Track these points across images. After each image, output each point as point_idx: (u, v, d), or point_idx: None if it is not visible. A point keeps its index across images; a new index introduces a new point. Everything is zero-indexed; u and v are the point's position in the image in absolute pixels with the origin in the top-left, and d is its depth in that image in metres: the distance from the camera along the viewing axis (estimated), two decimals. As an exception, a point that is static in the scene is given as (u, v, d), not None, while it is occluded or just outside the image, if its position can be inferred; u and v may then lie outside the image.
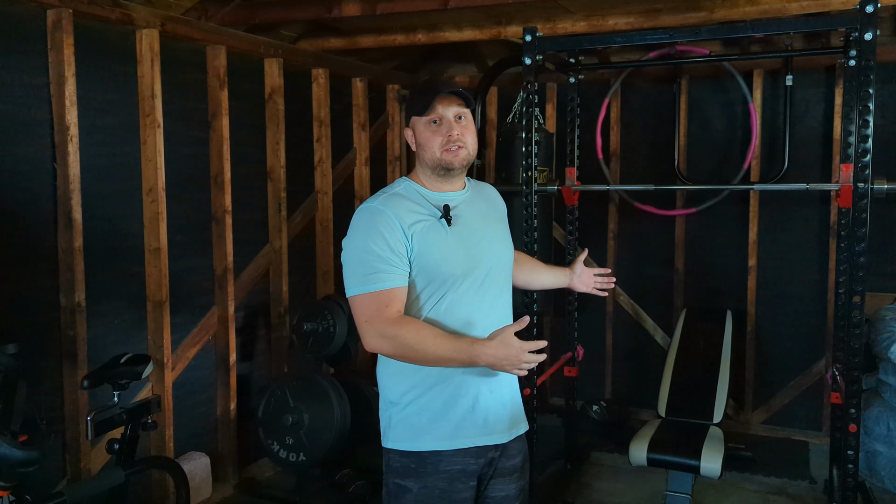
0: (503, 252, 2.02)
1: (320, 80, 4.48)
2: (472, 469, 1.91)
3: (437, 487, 1.87)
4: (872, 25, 2.89)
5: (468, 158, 1.93)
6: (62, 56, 2.96)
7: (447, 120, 1.90)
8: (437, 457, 1.88)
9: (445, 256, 1.87)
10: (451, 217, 1.90)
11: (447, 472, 1.88)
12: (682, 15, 3.68)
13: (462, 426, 1.90)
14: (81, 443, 3.09)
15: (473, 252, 1.92)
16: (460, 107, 1.92)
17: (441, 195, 1.95)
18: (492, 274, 1.95)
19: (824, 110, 4.50)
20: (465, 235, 1.92)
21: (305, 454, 3.66)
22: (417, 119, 1.93)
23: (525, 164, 3.55)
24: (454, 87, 1.93)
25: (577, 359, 4.19)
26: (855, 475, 3.08)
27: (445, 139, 1.89)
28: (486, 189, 2.15)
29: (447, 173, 1.93)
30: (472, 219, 1.96)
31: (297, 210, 4.43)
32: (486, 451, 1.93)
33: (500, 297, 1.98)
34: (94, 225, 3.16)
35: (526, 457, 2.06)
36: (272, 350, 4.28)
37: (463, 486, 1.89)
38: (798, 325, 4.62)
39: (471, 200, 2.01)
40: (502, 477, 1.98)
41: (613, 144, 4.96)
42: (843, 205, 3.38)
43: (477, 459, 1.91)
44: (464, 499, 1.90)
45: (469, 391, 1.90)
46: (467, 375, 1.89)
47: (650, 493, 3.84)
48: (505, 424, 1.97)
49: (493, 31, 4.05)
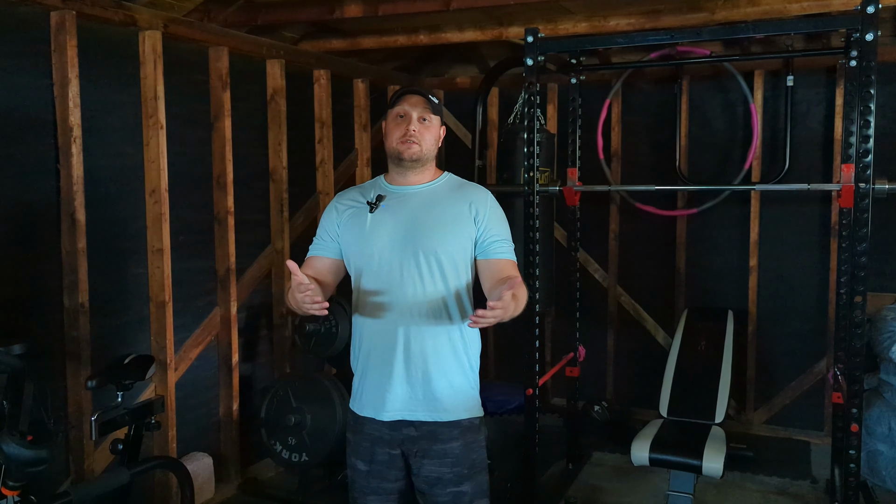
0: (440, 244, 2.05)
1: (322, 81, 4.49)
2: (387, 438, 2.10)
3: (362, 445, 2.14)
4: (873, 26, 2.90)
5: (419, 154, 2.09)
6: (65, 57, 2.97)
7: (410, 117, 2.09)
8: (361, 419, 2.14)
9: (360, 239, 2.10)
10: (376, 205, 2.10)
11: (369, 435, 2.12)
12: (683, 16, 3.69)
13: (372, 397, 2.11)
14: (85, 443, 3.10)
15: (394, 238, 2.06)
16: (426, 111, 2.10)
17: (395, 188, 2.15)
18: (418, 261, 2.04)
19: (825, 111, 4.51)
20: (392, 223, 2.08)
21: (308, 454, 3.67)
22: (389, 112, 2.14)
23: (526, 165, 3.55)
24: (427, 92, 2.14)
25: (578, 359, 4.20)
26: (857, 475, 3.09)
27: (403, 132, 2.08)
28: (467, 190, 2.17)
29: (400, 164, 2.11)
30: (412, 210, 2.09)
31: (299, 211, 4.44)
32: (399, 426, 2.09)
33: (429, 285, 2.05)
34: (98, 226, 3.17)
35: (472, 447, 2.12)
36: (274, 350, 4.28)
37: (381, 450, 2.11)
38: (799, 325, 4.63)
39: (427, 195, 2.13)
40: (430, 459, 2.08)
41: (615, 145, 4.97)
42: (844, 205, 3.38)
43: (391, 431, 2.09)
44: (383, 461, 2.11)
45: (384, 368, 2.07)
46: (387, 353, 2.06)
47: (652, 492, 3.84)
48: (419, 404, 2.07)
49: (495, 32, 4.06)
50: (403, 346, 2.05)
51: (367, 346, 2.12)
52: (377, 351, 2.10)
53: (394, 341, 2.06)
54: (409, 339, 2.05)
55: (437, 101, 2.15)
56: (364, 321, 2.12)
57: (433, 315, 2.06)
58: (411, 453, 2.10)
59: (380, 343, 2.09)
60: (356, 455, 2.16)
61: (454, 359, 2.10)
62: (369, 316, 2.10)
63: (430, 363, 2.07)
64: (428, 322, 2.05)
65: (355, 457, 2.16)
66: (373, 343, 2.11)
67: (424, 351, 2.06)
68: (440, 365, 2.08)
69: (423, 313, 2.05)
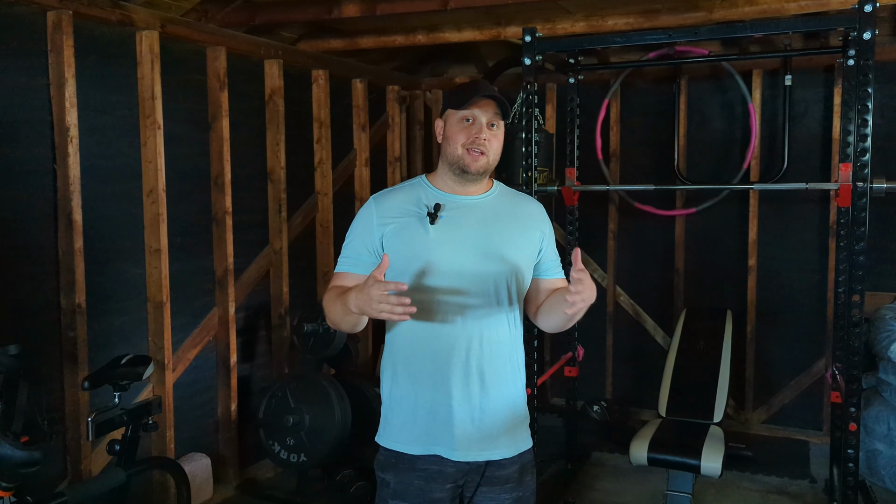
0: (513, 261, 1.90)
1: (320, 82, 4.49)
2: (449, 472, 1.88)
3: (413, 484, 1.88)
4: (871, 25, 2.90)
5: (486, 167, 1.90)
6: (62, 57, 2.96)
7: (479, 122, 1.88)
8: (413, 456, 1.89)
9: (422, 251, 1.85)
10: (436, 216, 1.87)
11: (424, 471, 1.88)
12: (681, 15, 3.69)
13: (432, 435, 1.88)
14: (82, 444, 3.09)
15: (462, 253, 1.86)
16: (496, 116, 1.90)
17: (452, 196, 1.92)
18: (490, 278, 1.88)
19: (823, 110, 4.50)
20: (457, 236, 1.87)
21: (306, 455, 3.66)
22: (452, 112, 1.92)
23: (525, 165, 3.55)
24: (498, 95, 1.90)
25: (577, 359, 4.19)
26: (855, 474, 3.09)
27: (472, 139, 1.87)
28: (525, 204, 2.02)
29: (462, 175, 1.90)
30: (477, 223, 1.90)
31: (298, 211, 4.43)
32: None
33: (486, 308, 1.88)
34: (95, 226, 3.16)
35: (526, 468, 1.97)
36: (273, 351, 4.28)
37: (439, 486, 1.88)
38: (798, 325, 4.63)
39: (487, 207, 1.94)
40: (492, 486, 1.91)
41: (613, 145, 4.97)
42: (842, 204, 3.38)
43: (455, 464, 1.88)
44: (440, 498, 1.88)
45: (441, 401, 1.86)
46: (441, 385, 1.86)
47: (651, 492, 3.84)
48: (486, 443, 1.89)
49: (493, 32, 4.06)
50: (476, 371, 1.86)
51: (422, 377, 1.88)
52: (434, 383, 1.86)
53: (464, 365, 1.86)
54: (474, 362, 1.86)
55: (506, 102, 1.91)
56: (420, 344, 1.88)
57: (498, 338, 1.90)
58: (472, 482, 1.92)
59: (443, 367, 1.86)
60: (400, 498, 1.89)
61: (514, 383, 1.94)
62: (429, 338, 1.87)
63: (505, 395, 1.91)
64: (498, 344, 1.89)
65: (400, 500, 1.89)
66: (429, 367, 1.87)
67: (496, 376, 1.89)
68: (512, 395, 1.93)
69: (493, 336, 1.88)
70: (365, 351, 4.89)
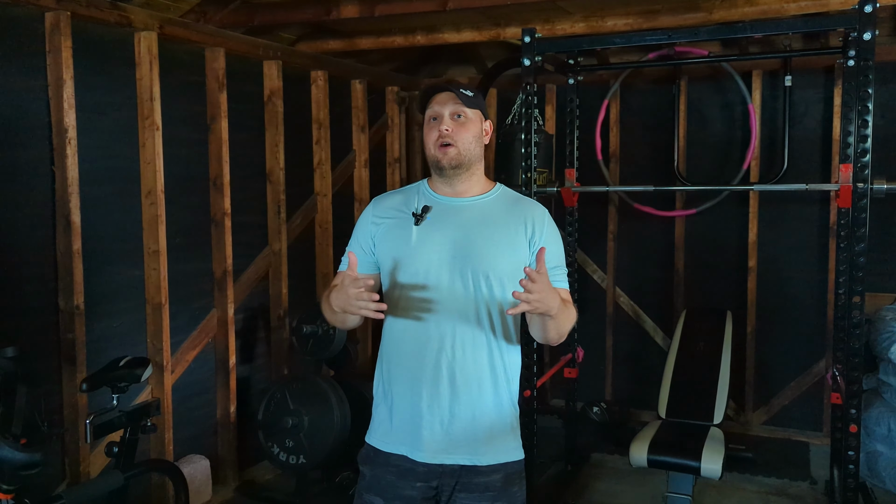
0: (491, 266, 1.85)
1: (319, 82, 4.48)
2: (420, 471, 1.87)
3: (385, 479, 1.90)
4: (871, 25, 2.89)
5: (458, 158, 1.87)
6: (60, 58, 2.96)
7: (442, 116, 1.88)
8: (386, 453, 1.93)
9: (405, 254, 1.88)
10: (422, 217, 1.89)
11: (396, 467, 1.90)
12: (680, 16, 3.68)
13: (402, 434, 1.90)
14: (80, 446, 3.08)
15: (442, 256, 1.85)
16: (458, 105, 1.87)
17: (442, 198, 1.92)
18: (466, 282, 1.85)
19: (823, 111, 4.50)
20: (440, 238, 1.86)
21: (305, 457, 3.65)
22: (422, 118, 1.94)
23: (524, 166, 3.55)
24: (455, 86, 1.89)
25: (577, 360, 4.18)
26: (856, 476, 3.08)
27: (437, 135, 1.87)
28: (523, 206, 1.96)
29: (441, 173, 1.89)
30: (462, 225, 1.88)
31: (297, 212, 4.43)
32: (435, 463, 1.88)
33: (460, 311, 1.85)
34: (93, 227, 3.16)
35: (512, 478, 1.91)
36: (272, 353, 4.27)
37: (410, 483, 1.88)
38: (798, 326, 4.62)
39: (478, 210, 1.91)
40: (469, 492, 1.87)
41: (613, 145, 4.97)
42: (842, 205, 3.37)
43: (425, 465, 1.88)
44: (411, 496, 1.88)
45: (413, 401, 1.87)
46: (414, 386, 1.87)
47: (651, 494, 3.83)
48: (457, 448, 1.86)
49: (492, 33, 4.05)
50: (447, 375, 1.85)
51: (400, 378, 1.90)
52: (406, 386, 1.88)
53: (434, 368, 1.85)
54: (445, 365, 1.84)
55: (472, 92, 1.90)
56: (398, 344, 1.91)
57: (474, 342, 1.86)
58: (447, 486, 1.88)
59: (416, 368, 1.86)
60: (373, 491, 1.91)
61: (494, 391, 1.89)
62: (406, 339, 1.89)
63: (473, 395, 1.86)
64: (473, 349, 1.86)
65: (373, 493, 1.91)
66: (405, 367, 1.89)
67: (468, 381, 1.85)
68: (481, 398, 1.88)
69: (466, 340, 1.85)
70: (364, 352, 4.89)
